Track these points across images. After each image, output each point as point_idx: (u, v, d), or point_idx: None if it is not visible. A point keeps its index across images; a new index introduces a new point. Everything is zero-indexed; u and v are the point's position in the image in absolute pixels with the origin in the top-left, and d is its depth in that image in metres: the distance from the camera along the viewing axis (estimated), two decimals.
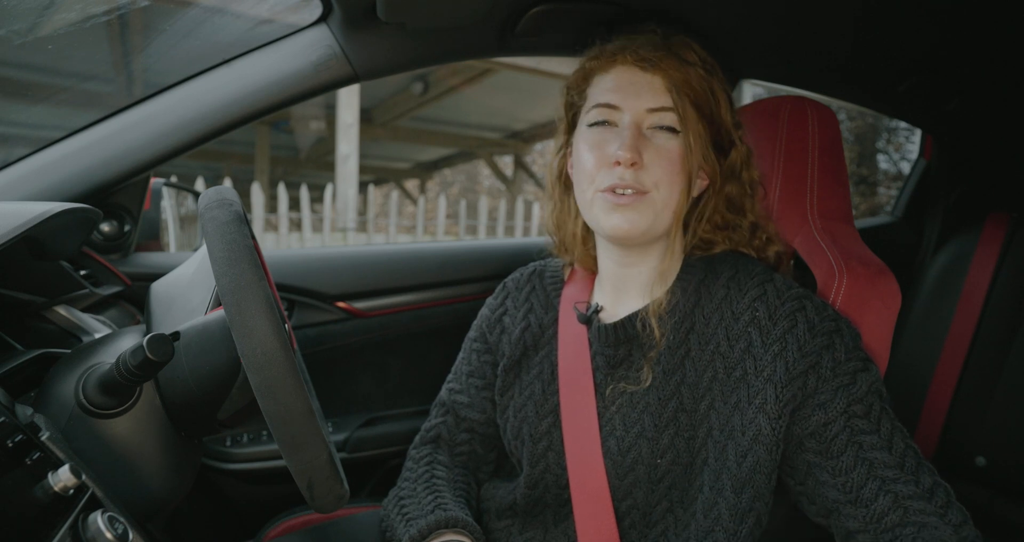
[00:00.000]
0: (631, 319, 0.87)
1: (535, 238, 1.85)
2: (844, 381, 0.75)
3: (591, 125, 0.85)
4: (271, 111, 1.16)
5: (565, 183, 0.96)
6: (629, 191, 0.80)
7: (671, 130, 0.82)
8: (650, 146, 0.81)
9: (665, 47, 0.82)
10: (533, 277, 1.04)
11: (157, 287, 0.97)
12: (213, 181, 8.57)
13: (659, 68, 0.81)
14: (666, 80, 0.81)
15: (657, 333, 0.84)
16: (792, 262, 1.01)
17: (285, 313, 1.08)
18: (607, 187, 0.81)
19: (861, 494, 0.71)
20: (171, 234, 1.55)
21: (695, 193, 0.87)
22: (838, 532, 0.75)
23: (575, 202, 0.92)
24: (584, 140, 0.85)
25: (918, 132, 1.89)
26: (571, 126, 0.93)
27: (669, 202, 0.82)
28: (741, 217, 0.89)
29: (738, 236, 0.89)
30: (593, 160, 0.83)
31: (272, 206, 7.75)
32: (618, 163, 0.79)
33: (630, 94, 0.82)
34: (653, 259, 0.89)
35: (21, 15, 1.38)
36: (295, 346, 0.82)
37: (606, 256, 0.92)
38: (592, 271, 0.98)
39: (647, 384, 0.84)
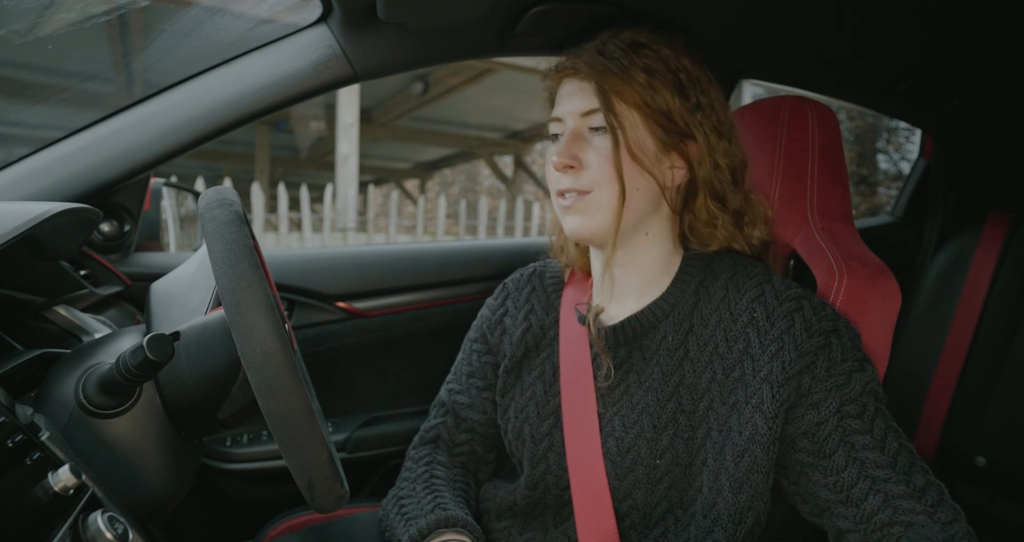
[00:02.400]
0: (631, 321, 0.87)
1: (535, 238, 1.85)
2: (838, 381, 0.75)
3: (551, 138, 0.90)
4: (271, 111, 1.16)
5: None
6: (572, 194, 0.85)
7: (606, 130, 0.84)
8: (589, 148, 0.84)
9: (599, 52, 0.86)
10: (533, 278, 1.04)
11: (157, 287, 0.97)
12: (213, 181, 8.57)
13: (588, 74, 0.84)
14: (594, 84, 0.84)
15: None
16: (792, 262, 1.01)
17: (285, 313, 1.08)
18: (556, 191, 0.87)
19: (852, 493, 0.72)
20: (171, 234, 1.55)
21: (677, 181, 0.87)
22: (830, 531, 0.76)
23: None
24: (548, 151, 0.91)
25: (918, 132, 1.89)
26: None
27: (612, 199, 0.83)
28: (721, 205, 0.89)
29: (723, 224, 0.89)
30: (549, 169, 0.88)
31: (272, 206, 7.75)
32: (556, 168, 0.85)
33: (566, 103, 0.87)
34: (639, 261, 0.89)
35: (21, 15, 1.38)
36: (295, 346, 0.82)
37: (595, 258, 0.94)
38: (588, 273, 0.99)
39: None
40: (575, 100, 0.86)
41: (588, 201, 0.84)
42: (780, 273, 0.94)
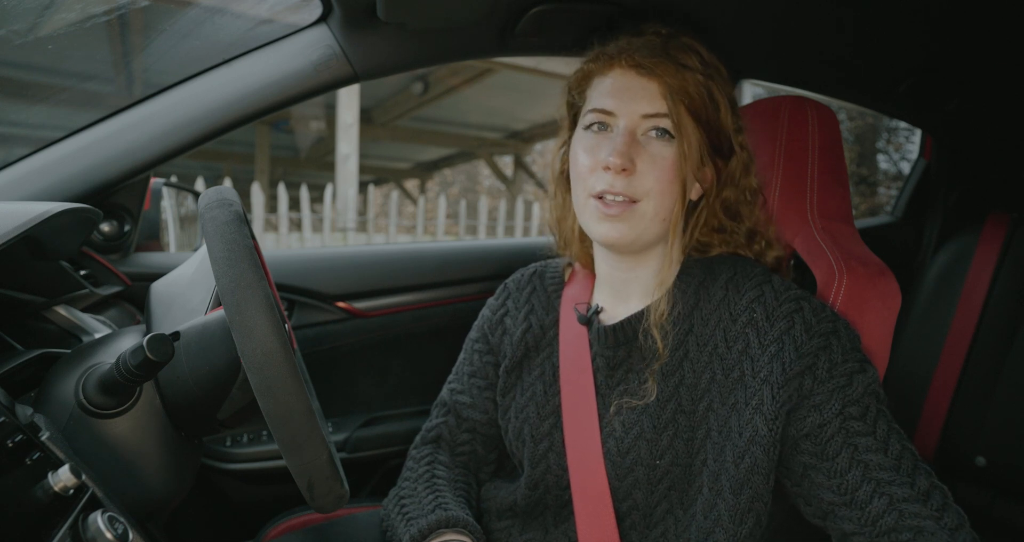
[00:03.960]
0: (631, 321, 0.87)
1: (535, 238, 1.85)
2: (840, 383, 0.75)
3: (586, 128, 0.85)
4: (271, 111, 1.16)
5: (566, 180, 0.96)
6: (619, 198, 0.81)
7: (666, 136, 0.81)
8: (644, 153, 0.81)
9: (664, 51, 0.81)
10: (534, 278, 1.04)
11: (157, 287, 0.97)
12: (213, 181, 8.57)
13: (655, 74, 0.80)
14: (662, 86, 0.80)
15: (660, 345, 0.83)
16: (792, 262, 1.01)
17: (285, 313, 1.08)
18: (598, 192, 0.82)
19: (856, 496, 0.71)
20: (171, 234, 1.55)
21: (693, 197, 0.87)
22: (834, 534, 0.75)
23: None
24: (580, 143, 0.85)
25: (918, 132, 1.89)
26: (573, 124, 0.93)
27: (660, 211, 0.82)
28: (738, 223, 0.89)
29: (734, 240, 0.89)
30: (587, 163, 0.83)
31: (272, 206, 7.75)
32: (608, 168, 0.80)
33: (625, 99, 0.81)
34: (649, 264, 0.89)
35: (21, 15, 1.38)
36: (295, 346, 0.82)
37: (602, 260, 0.93)
38: (591, 270, 0.98)
39: (652, 397, 0.83)
40: (638, 98, 0.81)
41: (636, 211, 0.81)
42: (783, 275, 0.94)
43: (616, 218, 0.81)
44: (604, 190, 0.81)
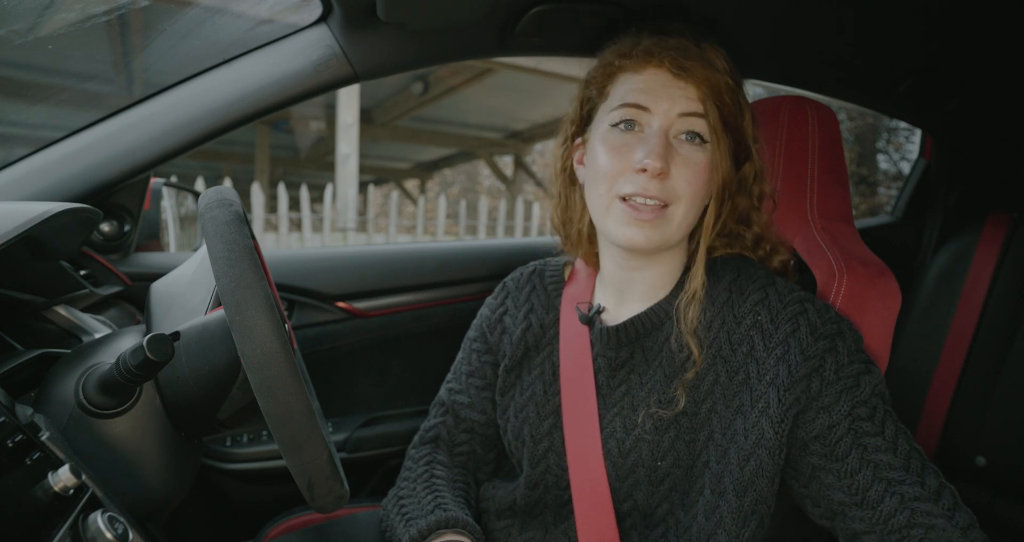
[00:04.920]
0: (633, 322, 0.87)
1: (535, 238, 1.85)
2: (848, 384, 0.75)
3: (614, 125, 0.82)
4: (271, 111, 1.16)
5: (570, 177, 0.95)
6: (651, 202, 0.78)
7: (698, 141, 0.80)
8: (676, 156, 0.79)
9: (698, 55, 0.80)
10: (533, 277, 1.03)
11: (157, 287, 0.97)
12: (213, 181, 8.57)
13: (692, 76, 0.79)
14: (699, 89, 0.79)
15: (696, 353, 0.81)
16: (793, 262, 1.01)
17: (285, 313, 1.08)
18: (627, 194, 0.79)
19: (867, 496, 0.71)
20: (171, 234, 1.55)
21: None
22: (843, 533, 0.75)
23: (580, 198, 0.92)
24: (604, 141, 0.82)
25: (918, 132, 1.89)
26: (582, 120, 0.92)
27: (688, 216, 0.81)
28: (746, 228, 0.89)
29: (740, 244, 0.89)
30: (614, 164, 0.80)
31: (272, 206, 7.75)
32: (644, 170, 0.77)
33: (662, 97, 0.79)
34: (656, 265, 0.88)
35: (21, 15, 1.38)
36: (295, 346, 0.82)
37: (609, 259, 0.92)
38: (595, 268, 0.98)
39: (680, 408, 0.81)
40: (675, 97, 0.79)
41: (666, 216, 0.79)
42: (788, 278, 0.94)
43: (647, 222, 0.79)
44: (634, 193, 0.78)
